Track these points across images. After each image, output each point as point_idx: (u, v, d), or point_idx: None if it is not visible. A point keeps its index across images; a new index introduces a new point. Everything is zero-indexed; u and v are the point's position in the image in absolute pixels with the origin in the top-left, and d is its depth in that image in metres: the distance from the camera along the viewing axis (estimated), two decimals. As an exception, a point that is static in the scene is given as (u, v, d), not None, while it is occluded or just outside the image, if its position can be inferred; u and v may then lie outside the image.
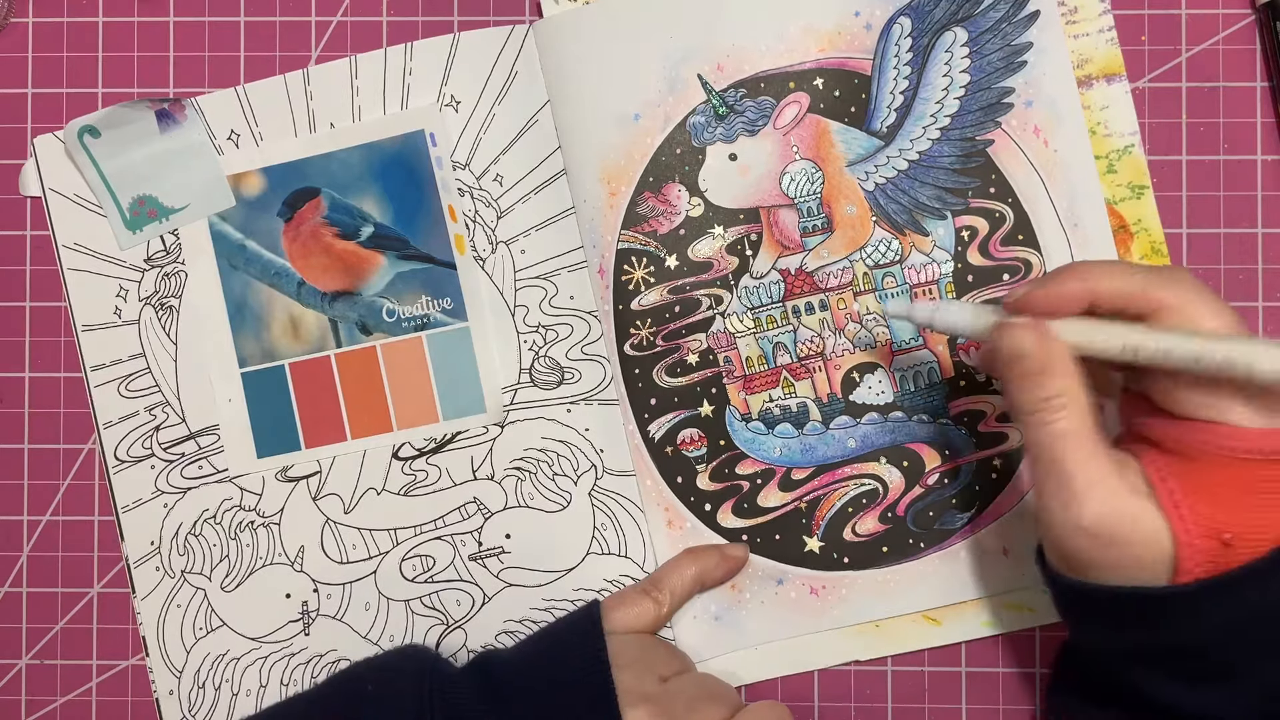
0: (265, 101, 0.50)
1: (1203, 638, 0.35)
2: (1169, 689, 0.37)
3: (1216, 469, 0.35)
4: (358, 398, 0.50)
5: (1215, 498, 0.35)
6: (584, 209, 0.49)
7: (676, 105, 0.49)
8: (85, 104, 0.51)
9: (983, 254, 0.48)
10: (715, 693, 0.44)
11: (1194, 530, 0.34)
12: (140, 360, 0.50)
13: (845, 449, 0.49)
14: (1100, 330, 0.37)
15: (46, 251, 0.51)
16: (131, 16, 0.51)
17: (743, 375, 0.49)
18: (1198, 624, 0.35)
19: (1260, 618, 0.34)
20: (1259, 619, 0.34)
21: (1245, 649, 0.35)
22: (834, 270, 0.49)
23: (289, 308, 0.50)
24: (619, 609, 0.46)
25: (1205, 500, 0.35)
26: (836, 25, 0.48)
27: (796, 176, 0.48)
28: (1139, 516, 0.35)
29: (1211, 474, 0.35)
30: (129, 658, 0.51)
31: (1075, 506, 0.36)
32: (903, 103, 0.48)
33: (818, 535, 0.49)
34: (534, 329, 0.50)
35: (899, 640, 0.49)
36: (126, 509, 0.50)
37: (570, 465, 0.50)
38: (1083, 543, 0.36)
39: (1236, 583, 0.34)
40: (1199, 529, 0.34)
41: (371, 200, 0.50)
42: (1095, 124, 0.48)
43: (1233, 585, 0.34)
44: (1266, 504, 0.34)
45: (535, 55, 0.49)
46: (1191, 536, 0.34)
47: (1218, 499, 0.35)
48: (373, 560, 0.50)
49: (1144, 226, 0.48)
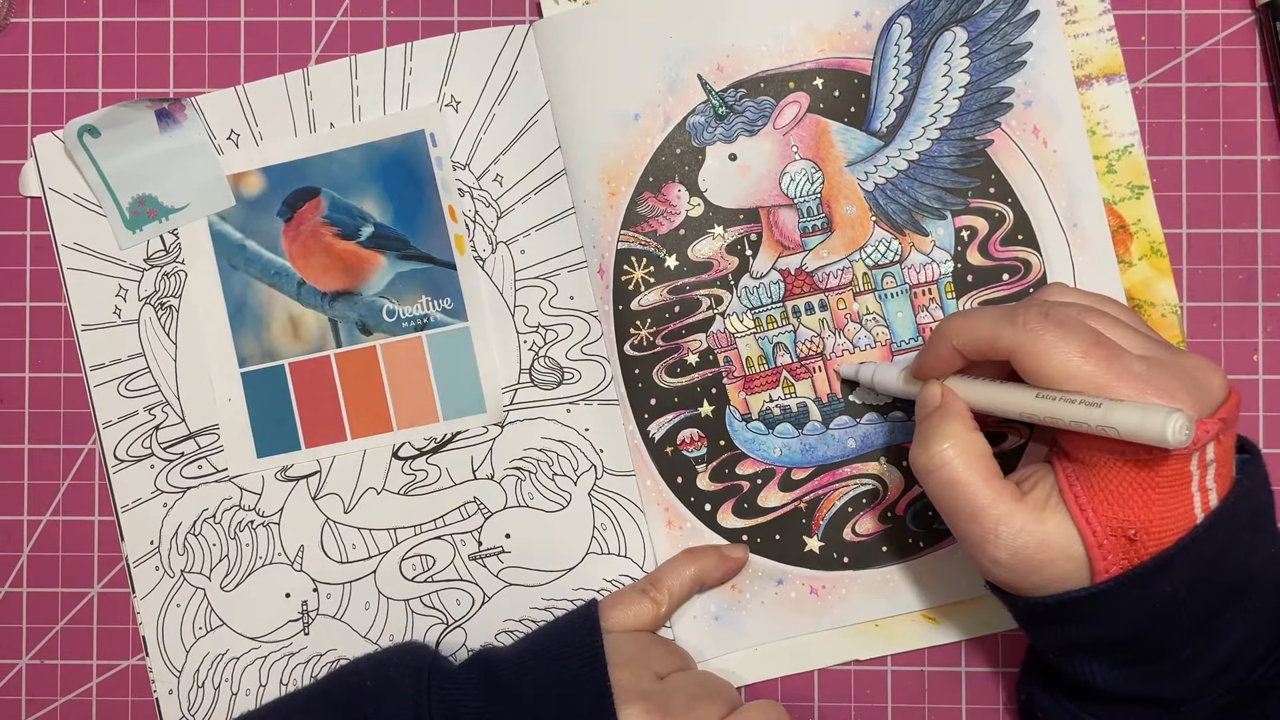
0: (265, 101, 0.50)
1: (1128, 628, 0.37)
2: (1112, 676, 0.39)
3: (1114, 471, 0.37)
4: (358, 398, 0.50)
5: (1116, 498, 0.37)
6: (584, 209, 0.49)
7: (676, 105, 0.49)
8: (85, 104, 0.51)
9: (982, 254, 0.48)
10: (713, 690, 0.44)
11: (1100, 531, 0.37)
12: (140, 360, 0.50)
13: (845, 449, 0.49)
14: (1002, 395, 0.39)
15: (46, 251, 0.51)
16: (131, 16, 0.51)
17: (743, 375, 0.49)
18: (1119, 617, 0.37)
19: (1179, 602, 0.36)
20: (1178, 603, 0.36)
21: (1172, 631, 0.37)
22: (834, 270, 0.49)
23: (289, 307, 0.50)
24: (617, 608, 0.46)
25: (1107, 501, 0.37)
26: (836, 25, 0.48)
27: (796, 176, 0.48)
28: (1048, 538, 0.37)
29: (1110, 476, 0.37)
30: (129, 658, 0.51)
31: (989, 548, 0.38)
32: (902, 103, 0.48)
33: (818, 535, 0.49)
34: (534, 329, 0.50)
35: (899, 640, 0.49)
36: (126, 509, 0.50)
37: (570, 465, 0.50)
38: (1004, 575, 0.39)
39: (1148, 574, 0.36)
40: (1104, 529, 0.37)
41: (371, 200, 0.50)
42: (1095, 124, 0.48)
43: (1145, 577, 0.36)
44: (1164, 498, 0.36)
45: (535, 55, 0.49)
46: (1099, 537, 0.37)
47: (1118, 499, 0.36)
48: (373, 560, 0.50)
49: (1144, 226, 0.48)
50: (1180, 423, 0.34)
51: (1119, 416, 0.35)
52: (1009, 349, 0.38)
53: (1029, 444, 0.47)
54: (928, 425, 0.40)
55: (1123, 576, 0.36)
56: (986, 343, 0.39)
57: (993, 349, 0.39)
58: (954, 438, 0.39)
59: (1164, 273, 0.48)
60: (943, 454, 0.39)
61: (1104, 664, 0.39)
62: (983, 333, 0.39)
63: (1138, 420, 0.34)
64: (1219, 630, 0.37)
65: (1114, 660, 0.38)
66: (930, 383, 0.42)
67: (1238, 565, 0.37)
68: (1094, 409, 0.35)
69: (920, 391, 0.43)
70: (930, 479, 0.40)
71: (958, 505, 0.39)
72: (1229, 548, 0.37)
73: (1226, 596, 0.37)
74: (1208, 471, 0.36)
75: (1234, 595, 0.37)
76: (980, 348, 0.39)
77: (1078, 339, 0.37)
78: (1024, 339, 0.37)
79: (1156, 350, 0.38)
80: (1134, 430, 0.34)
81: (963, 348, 0.40)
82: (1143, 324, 0.40)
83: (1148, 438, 0.34)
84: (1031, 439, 0.47)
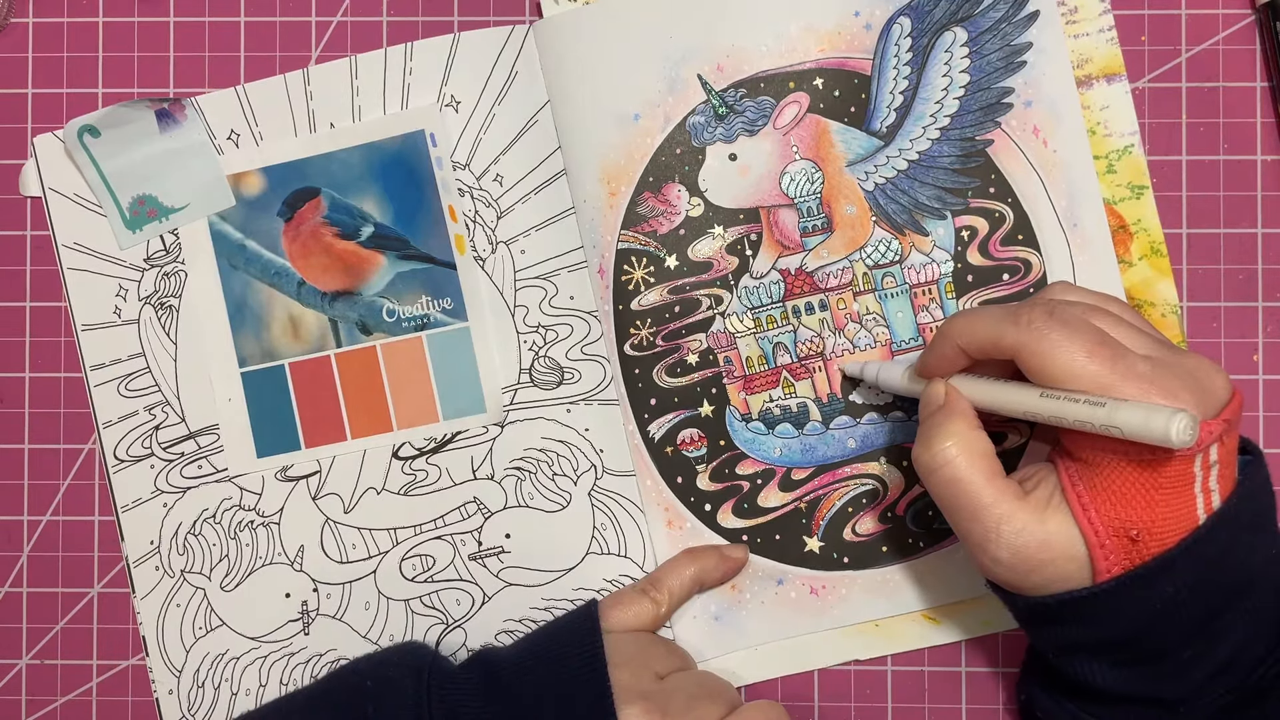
0: (265, 101, 0.50)
1: (1129, 629, 0.37)
2: (1112, 676, 0.39)
3: (1117, 471, 0.37)
4: (358, 398, 0.50)
5: (1119, 498, 0.36)
6: (584, 209, 0.49)
7: (676, 105, 0.49)
8: (85, 104, 0.51)
9: (982, 254, 0.48)
10: (713, 690, 0.44)
11: (1103, 531, 0.37)
12: (140, 360, 0.50)
13: (845, 449, 0.49)
14: (1005, 394, 0.39)
15: (46, 251, 0.51)
16: (131, 16, 0.51)
17: (743, 375, 0.49)
18: (1119, 618, 0.37)
19: (1180, 603, 0.36)
20: (1179, 604, 0.36)
21: (1173, 632, 0.37)
22: (834, 270, 0.49)
23: (289, 307, 0.50)
24: (617, 608, 0.46)
25: (1110, 501, 0.37)
26: (836, 25, 0.48)
27: (796, 176, 0.48)
28: (1049, 538, 0.37)
29: (1113, 476, 0.37)
30: (129, 658, 0.51)
31: (990, 548, 0.38)
32: (902, 103, 0.48)
33: (818, 535, 0.49)
34: (534, 329, 0.50)
35: (899, 640, 0.49)
36: (126, 509, 0.50)
37: (570, 465, 0.50)
38: (1005, 575, 0.39)
39: (1150, 575, 0.36)
40: (1107, 529, 0.36)
41: (371, 200, 0.50)
42: (1095, 124, 0.48)
43: (1147, 578, 0.36)
44: (1167, 499, 0.36)
45: (535, 55, 0.49)
46: (1101, 537, 0.37)
47: (1121, 499, 0.36)
48: (372, 560, 0.50)
49: (1144, 226, 0.48)
50: (1185, 423, 0.34)
51: (1123, 416, 0.35)
52: (1013, 348, 0.38)
53: (1030, 443, 0.47)
54: (931, 424, 0.41)
55: (1124, 577, 0.36)
56: (991, 342, 0.39)
57: (997, 348, 0.39)
58: (957, 436, 0.39)
59: (1164, 273, 0.48)
60: (945, 452, 0.39)
61: (1104, 664, 0.39)
62: (987, 332, 0.39)
63: (1142, 420, 0.34)
64: (1219, 631, 0.37)
65: (1114, 660, 0.38)
66: (934, 381, 0.42)
67: (1238, 566, 0.37)
68: (1098, 409, 0.35)
69: (924, 390, 0.43)
70: (932, 477, 0.40)
71: (960, 504, 0.39)
72: (1230, 548, 0.37)
73: (1227, 597, 0.37)
74: (1211, 473, 0.36)
75: (1234, 596, 0.37)
76: (985, 347, 0.39)
77: (1082, 338, 0.37)
78: (1028, 338, 0.37)
79: (1160, 351, 0.38)
80: (1138, 430, 0.34)
81: (967, 346, 0.40)
82: (1146, 324, 0.40)
83: (1152, 438, 0.34)
84: (1033, 438, 0.47)
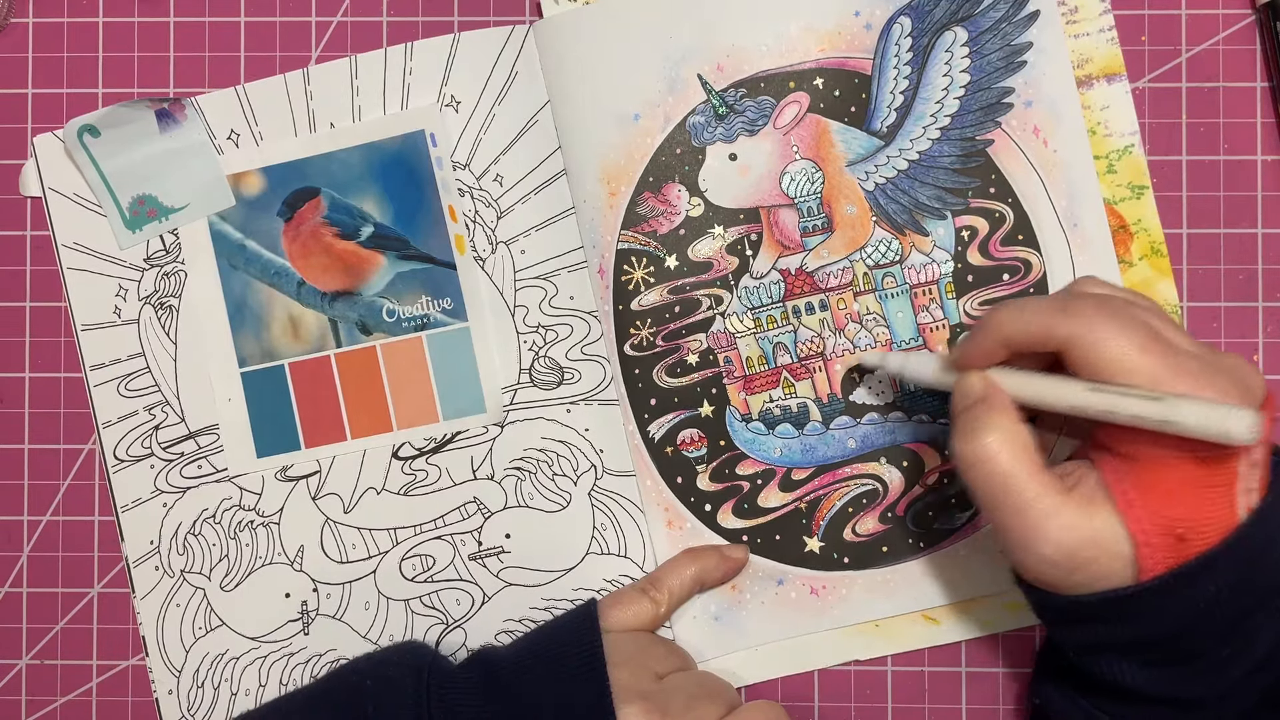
0: (265, 101, 0.50)
1: (1169, 628, 0.36)
2: (1142, 675, 0.38)
3: (1166, 469, 0.36)
4: (358, 398, 0.50)
5: (1167, 496, 0.36)
6: (584, 209, 0.49)
7: (676, 105, 0.49)
8: (85, 104, 0.51)
9: (983, 254, 0.48)
10: (712, 690, 0.44)
11: (1150, 529, 0.36)
12: (140, 360, 0.50)
13: (845, 449, 0.49)
14: (1051, 388, 0.38)
15: (46, 251, 0.51)
16: (131, 16, 0.51)
17: (743, 375, 0.49)
18: (1162, 617, 0.36)
19: (1221, 601, 0.36)
20: (1220, 603, 0.36)
21: (1211, 631, 0.36)
22: (834, 270, 0.49)
23: (289, 307, 0.50)
24: (616, 607, 0.46)
25: (1157, 499, 0.36)
26: (836, 25, 0.48)
27: (796, 176, 0.48)
28: (1096, 535, 0.36)
29: (1162, 474, 0.36)
30: (129, 658, 0.51)
31: (1034, 544, 0.37)
32: (903, 102, 0.48)
33: (818, 535, 0.49)
34: (534, 329, 0.50)
35: (899, 640, 0.49)
36: (126, 509, 0.50)
37: (570, 465, 0.50)
38: (1048, 572, 0.37)
39: (1193, 574, 0.35)
40: (1154, 527, 0.36)
41: (371, 200, 0.50)
42: (1095, 124, 0.48)
43: (1190, 576, 0.35)
44: (1214, 497, 0.36)
45: (535, 55, 0.49)
46: (1148, 536, 0.36)
47: (1169, 497, 0.36)
48: (372, 560, 0.50)
49: (1144, 226, 0.48)
50: (1249, 421, 0.33)
51: (1185, 412, 0.34)
52: (1064, 340, 0.37)
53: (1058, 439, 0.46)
54: (970, 416, 0.39)
55: (1169, 575, 0.35)
56: (1040, 334, 0.38)
57: (1046, 340, 0.38)
58: (1000, 430, 0.38)
59: (1164, 273, 0.48)
60: (988, 446, 0.38)
61: (1133, 663, 0.38)
62: (1037, 324, 0.38)
63: (1204, 417, 0.33)
64: (1253, 629, 0.37)
65: (1145, 660, 0.38)
66: (969, 373, 0.41)
67: (1274, 565, 0.37)
68: (1155, 404, 0.34)
69: (958, 382, 0.41)
70: (974, 471, 0.38)
71: (1003, 499, 0.37)
72: (1267, 547, 0.36)
73: (1261, 596, 0.37)
74: (1254, 472, 0.36)
75: (1268, 594, 0.37)
76: (1033, 339, 0.38)
77: (1134, 331, 0.36)
78: (1081, 329, 0.36)
79: (1201, 348, 0.37)
80: (1198, 427, 0.34)
81: (1013, 338, 0.39)
82: (1176, 322, 0.40)
83: (1214, 435, 0.33)
84: (1063, 434, 0.45)
